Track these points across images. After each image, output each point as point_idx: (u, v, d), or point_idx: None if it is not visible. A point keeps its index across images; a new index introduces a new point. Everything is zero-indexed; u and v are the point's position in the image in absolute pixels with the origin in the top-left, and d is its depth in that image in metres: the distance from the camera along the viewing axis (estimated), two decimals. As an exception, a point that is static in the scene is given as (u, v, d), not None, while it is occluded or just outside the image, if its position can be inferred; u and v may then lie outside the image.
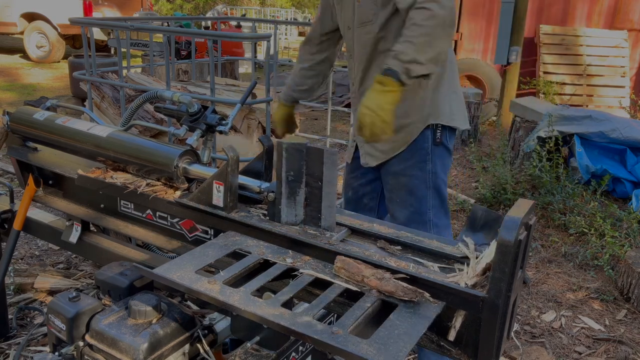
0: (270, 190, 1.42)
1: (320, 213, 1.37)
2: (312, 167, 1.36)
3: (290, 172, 1.37)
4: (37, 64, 10.79)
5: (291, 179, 1.37)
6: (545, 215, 4.22)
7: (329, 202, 1.36)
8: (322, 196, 1.36)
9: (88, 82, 2.94)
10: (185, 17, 5.15)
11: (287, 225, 1.39)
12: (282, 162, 1.36)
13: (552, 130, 4.71)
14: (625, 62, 6.91)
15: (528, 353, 2.67)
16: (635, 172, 4.57)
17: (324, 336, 0.97)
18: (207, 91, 3.09)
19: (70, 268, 3.11)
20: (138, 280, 1.39)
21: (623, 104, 6.67)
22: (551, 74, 6.82)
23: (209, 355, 1.28)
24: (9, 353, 2.34)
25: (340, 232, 1.38)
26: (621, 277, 3.30)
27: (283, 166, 1.37)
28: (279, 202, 1.39)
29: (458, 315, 1.15)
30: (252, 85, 2.06)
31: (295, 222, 1.40)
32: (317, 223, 1.38)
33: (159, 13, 20.22)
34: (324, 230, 1.37)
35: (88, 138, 1.73)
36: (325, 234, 1.35)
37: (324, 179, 1.35)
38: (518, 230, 1.02)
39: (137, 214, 1.70)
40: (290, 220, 1.40)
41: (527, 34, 6.88)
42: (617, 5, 7.20)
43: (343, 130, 6.56)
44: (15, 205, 2.13)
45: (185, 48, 7.22)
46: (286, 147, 1.35)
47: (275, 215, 1.41)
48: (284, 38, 16.19)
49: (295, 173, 1.37)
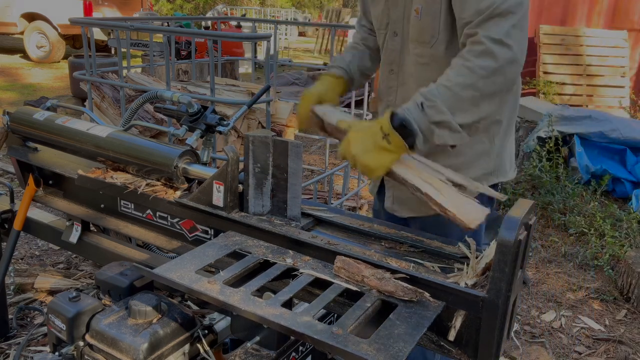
0: (239, 181, 1.45)
1: (286, 204, 1.42)
2: (277, 159, 1.40)
3: (257, 164, 1.41)
4: (37, 64, 10.78)
5: (258, 171, 1.41)
6: (545, 215, 4.22)
7: (294, 193, 1.41)
8: (287, 187, 1.41)
9: (88, 82, 2.94)
10: (185, 17, 5.16)
11: (255, 216, 1.43)
12: (249, 154, 1.40)
13: (552, 130, 4.71)
14: (625, 62, 6.90)
15: (528, 353, 2.67)
16: (635, 172, 4.57)
17: (324, 336, 0.97)
18: (207, 91, 3.09)
19: (70, 268, 3.11)
20: (138, 280, 1.39)
21: (623, 104, 6.67)
22: (551, 74, 6.82)
23: (209, 355, 1.29)
24: (9, 353, 2.34)
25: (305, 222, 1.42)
26: (621, 277, 3.30)
27: (250, 158, 1.41)
28: (246, 193, 1.43)
29: (458, 315, 1.15)
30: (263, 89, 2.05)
31: (262, 212, 1.44)
32: (283, 213, 1.43)
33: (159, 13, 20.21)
34: (289, 220, 1.41)
35: (88, 138, 1.73)
36: (291, 224, 1.39)
37: (289, 170, 1.39)
38: (518, 230, 1.02)
39: (137, 214, 1.70)
40: (257, 211, 1.44)
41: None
42: (617, 5, 7.19)
43: (343, 130, 6.55)
44: (15, 205, 2.13)
45: (185, 48, 7.21)
46: (252, 140, 1.39)
47: (243, 206, 1.45)
48: (284, 38, 16.19)
49: (262, 165, 1.41)
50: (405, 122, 1.22)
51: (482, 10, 1.25)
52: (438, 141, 1.24)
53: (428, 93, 1.24)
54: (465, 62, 1.24)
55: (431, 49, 1.45)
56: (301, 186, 1.42)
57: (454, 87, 1.22)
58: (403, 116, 1.23)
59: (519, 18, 1.24)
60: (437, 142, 1.24)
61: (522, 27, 1.24)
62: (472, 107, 1.23)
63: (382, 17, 1.58)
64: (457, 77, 1.23)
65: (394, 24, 1.54)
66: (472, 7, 1.27)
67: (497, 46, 1.22)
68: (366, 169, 1.24)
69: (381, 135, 1.22)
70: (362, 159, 1.23)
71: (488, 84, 1.22)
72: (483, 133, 1.46)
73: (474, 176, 1.53)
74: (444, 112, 1.21)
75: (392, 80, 1.60)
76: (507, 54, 1.22)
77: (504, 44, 1.22)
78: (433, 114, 1.21)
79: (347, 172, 3.57)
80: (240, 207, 1.46)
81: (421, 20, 1.44)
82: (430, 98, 1.22)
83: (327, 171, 3.51)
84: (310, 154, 5.67)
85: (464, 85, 1.22)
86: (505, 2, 1.23)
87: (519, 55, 1.24)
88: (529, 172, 4.53)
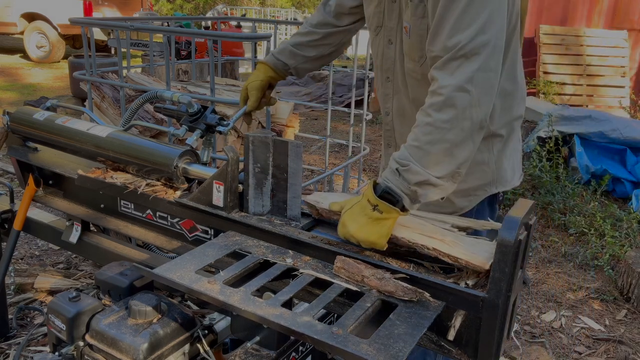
0: (239, 181, 1.44)
1: (286, 204, 1.42)
2: (278, 159, 1.40)
3: (257, 164, 1.41)
4: (37, 64, 10.78)
5: (258, 171, 1.41)
6: (545, 215, 4.22)
7: (294, 193, 1.41)
8: (287, 187, 1.41)
9: (88, 82, 2.94)
10: (185, 17, 5.16)
11: (255, 216, 1.42)
12: (249, 154, 1.40)
13: (552, 130, 4.71)
14: (625, 62, 6.90)
15: (528, 353, 2.67)
16: (635, 172, 4.57)
17: (324, 336, 0.97)
18: (207, 91, 3.09)
19: (70, 268, 3.11)
20: (138, 280, 1.39)
21: (623, 104, 6.67)
22: (551, 74, 6.81)
23: (209, 355, 1.28)
24: (9, 353, 2.34)
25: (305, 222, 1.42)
26: (621, 277, 3.30)
27: (250, 158, 1.41)
28: (246, 193, 1.43)
29: (457, 314, 1.15)
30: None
31: (262, 212, 1.44)
32: (283, 213, 1.42)
33: (159, 13, 20.22)
34: (289, 220, 1.41)
35: (88, 138, 1.73)
36: (291, 224, 1.39)
37: (289, 170, 1.39)
38: (518, 230, 1.02)
39: (137, 214, 1.70)
40: (257, 211, 1.44)
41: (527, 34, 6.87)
42: (617, 5, 7.19)
43: (343, 130, 6.56)
44: (15, 205, 2.13)
45: (185, 48, 7.21)
46: (252, 140, 1.39)
47: (243, 206, 1.45)
48: (284, 38, 16.17)
49: (262, 165, 1.41)
50: (388, 190, 1.21)
51: (449, 47, 1.23)
52: (424, 200, 1.22)
53: (400, 157, 1.22)
54: (427, 119, 1.22)
55: (421, 67, 1.45)
56: (301, 186, 1.42)
57: (423, 146, 1.21)
58: (384, 185, 1.22)
59: (484, 59, 1.21)
60: (423, 201, 1.22)
61: (488, 68, 1.22)
62: (448, 158, 1.21)
63: (374, 18, 1.55)
64: (424, 135, 1.22)
65: (389, 32, 1.52)
66: (441, 42, 1.26)
67: (457, 93, 1.20)
68: (368, 243, 1.21)
69: (371, 208, 1.21)
70: (361, 235, 1.21)
71: (457, 133, 1.20)
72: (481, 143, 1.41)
73: (472, 186, 1.54)
74: (420, 172, 1.20)
75: (388, 88, 1.60)
76: (466, 99, 1.20)
77: (465, 90, 1.20)
78: (410, 177, 1.20)
79: (347, 172, 3.57)
80: (240, 207, 1.46)
81: (410, 39, 1.43)
82: (403, 163, 1.21)
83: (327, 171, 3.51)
84: (310, 154, 5.67)
85: (432, 142, 1.20)
86: (471, 42, 1.21)
87: (482, 97, 1.21)
88: (529, 172, 4.53)
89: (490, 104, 1.24)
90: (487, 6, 1.22)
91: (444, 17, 1.25)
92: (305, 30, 1.78)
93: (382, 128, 1.72)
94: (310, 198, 1.36)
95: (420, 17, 1.37)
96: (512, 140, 1.59)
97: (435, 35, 1.28)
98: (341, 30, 1.76)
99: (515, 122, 1.57)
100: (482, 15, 1.22)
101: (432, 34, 1.30)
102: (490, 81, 1.23)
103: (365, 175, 5.16)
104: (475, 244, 1.16)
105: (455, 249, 1.14)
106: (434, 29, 1.28)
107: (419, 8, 1.37)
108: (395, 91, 1.58)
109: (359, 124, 3.93)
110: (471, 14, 1.22)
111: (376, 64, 1.62)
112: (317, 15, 1.77)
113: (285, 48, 1.79)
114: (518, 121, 1.58)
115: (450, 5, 1.24)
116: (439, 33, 1.26)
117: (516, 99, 1.53)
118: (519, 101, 1.55)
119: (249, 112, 1.80)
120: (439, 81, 1.23)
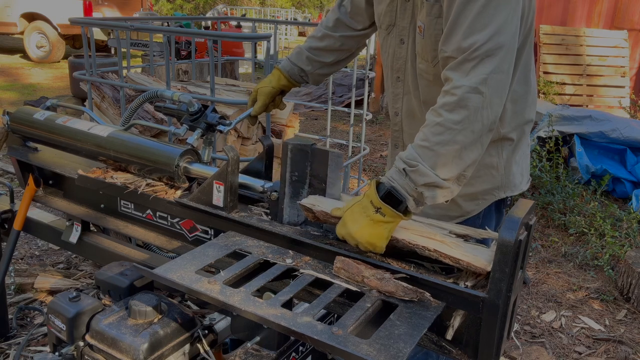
0: (274, 189, 1.41)
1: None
2: (316, 168, 1.34)
3: (294, 173, 1.36)
4: (37, 64, 10.78)
5: (295, 179, 1.37)
6: (545, 215, 4.22)
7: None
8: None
9: (88, 82, 2.94)
10: (185, 17, 5.16)
11: (288, 226, 1.38)
12: (287, 162, 1.35)
13: (552, 130, 4.71)
14: (625, 62, 6.90)
15: (528, 353, 2.67)
16: (635, 172, 4.57)
17: (324, 336, 0.97)
18: (207, 91, 3.09)
19: (70, 268, 3.11)
20: (138, 280, 1.39)
21: (623, 104, 6.67)
22: (551, 74, 6.82)
23: (209, 355, 1.28)
24: (9, 353, 2.34)
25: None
26: (621, 277, 3.30)
27: (287, 166, 1.36)
28: (281, 202, 1.39)
29: (456, 314, 1.15)
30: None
31: (297, 222, 1.39)
32: (320, 224, 1.36)
33: (159, 13, 20.22)
34: (326, 231, 1.36)
35: (88, 138, 1.73)
36: (328, 235, 1.34)
37: (327, 180, 1.34)
38: (518, 230, 1.02)
39: (138, 214, 1.70)
40: (292, 221, 1.39)
41: (527, 34, 6.88)
42: (617, 5, 7.19)
43: (343, 130, 6.56)
44: (15, 205, 2.13)
45: (185, 48, 7.22)
46: (291, 148, 1.35)
47: (277, 215, 1.40)
48: (284, 38, 16.19)
49: (299, 174, 1.36)
50: (392, 191, 1.18)
51: (463, 48, 1.21)
52: (429, 202, 1.19)
53: (408, 157, 1.19)
54: (438, 119, 1.20)
55: (434, 68, 1.42)
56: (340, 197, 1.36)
57: (434, 146, 1.18)
58: (389, 185, 1.18)
59: (499, 61, 1.20)
60: (429, 203, 1.19)
61: (501, 70, 1.21)
62: (456, 160, 1.19)
63: (385, 17, 1.53)
64: (434, 136, 1.19)
65: (401, 31, 1.50)
66: (455, 43, 1.24)
67: (471, 94, 1.18)
68: (368, 245, 1.18)
69: (373, 210, 1.17)
70: (360, 236, 1.18)
71: (467, 135, 1.19)
72: (491, 146, 1.41)
73: (480, 190, 1.52)
74: (428, 174, 1.17)
75: (399, 88, 1.58)
76: (479, 100, 1.18)
77: (479, 91, 1.19)
78: (418, 178, 1.17)
79: (347, 172, 3.56)
80: (274, 216, 1.40)
81: (424, 39, 1.41)
82: (411, 163, 1.18)
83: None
84: (310, 154, 5.66)
85: (443, 143, 1.18)
86: (487, 44, 1.19)
87: (494, 99, 1.20)
88: (529, 172, 4.54)
89: (501, 107, 1.23)
90: (505, 8, 1.21)
91: (459, 17, 1.23)
92: (321, 34, 1.75)
93: (390, 128, 1.69)
94: (306, 201, 1.30)
95: (436, 16, 1.35)
96: (522, 145, 1.57)
97: (449, 35, 1.26)
98: (357, 35, 1.74)
99: (526, 126, 1.55)
100: (498, 17, 1.21)
101: (446, 34, 1.27)
102: (503, 83, 1.22)
103: (365, 175, 5.16)
104: (477, 249, 1.16)
105: (456, 251, 1.14)
106: (449, 29, 1.26)
107: (434, 8, 1.35)
108: (406, 92, 1.56)
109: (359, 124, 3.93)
110: (488, 15, 1.21)
111: (386, 64, 1.60)
112: (332, 16, 1.75)
113: (301, 53, 1.77)
114: (529, 125, 1.55)
115: (467, 5, 1.22)
116: (454, 33, 1.25)
117: (528, 103, 1.51)
118: (530, 105, 1.52)
119: (253, 115, 1.79)
120: (454, 81, 1.21)
